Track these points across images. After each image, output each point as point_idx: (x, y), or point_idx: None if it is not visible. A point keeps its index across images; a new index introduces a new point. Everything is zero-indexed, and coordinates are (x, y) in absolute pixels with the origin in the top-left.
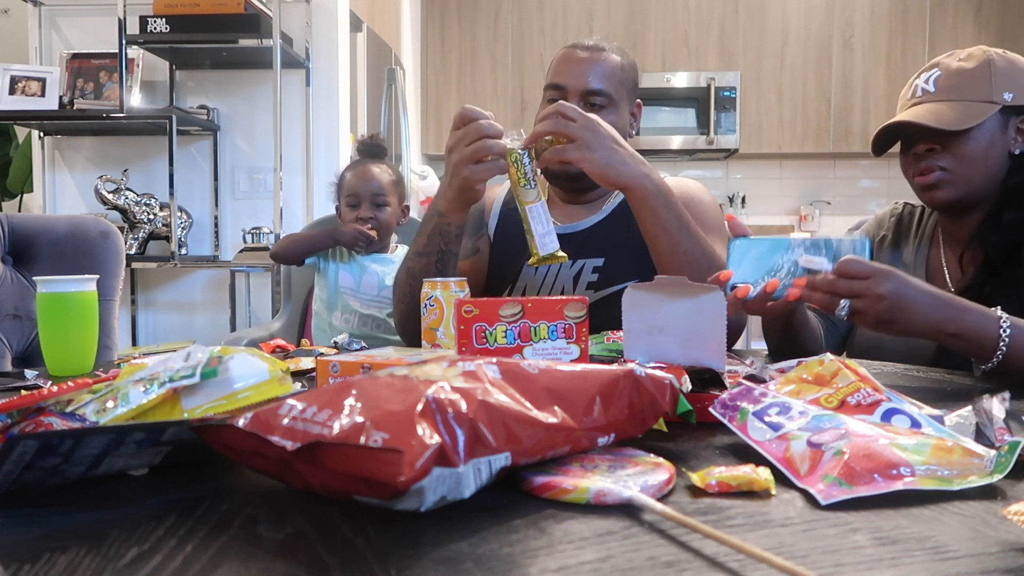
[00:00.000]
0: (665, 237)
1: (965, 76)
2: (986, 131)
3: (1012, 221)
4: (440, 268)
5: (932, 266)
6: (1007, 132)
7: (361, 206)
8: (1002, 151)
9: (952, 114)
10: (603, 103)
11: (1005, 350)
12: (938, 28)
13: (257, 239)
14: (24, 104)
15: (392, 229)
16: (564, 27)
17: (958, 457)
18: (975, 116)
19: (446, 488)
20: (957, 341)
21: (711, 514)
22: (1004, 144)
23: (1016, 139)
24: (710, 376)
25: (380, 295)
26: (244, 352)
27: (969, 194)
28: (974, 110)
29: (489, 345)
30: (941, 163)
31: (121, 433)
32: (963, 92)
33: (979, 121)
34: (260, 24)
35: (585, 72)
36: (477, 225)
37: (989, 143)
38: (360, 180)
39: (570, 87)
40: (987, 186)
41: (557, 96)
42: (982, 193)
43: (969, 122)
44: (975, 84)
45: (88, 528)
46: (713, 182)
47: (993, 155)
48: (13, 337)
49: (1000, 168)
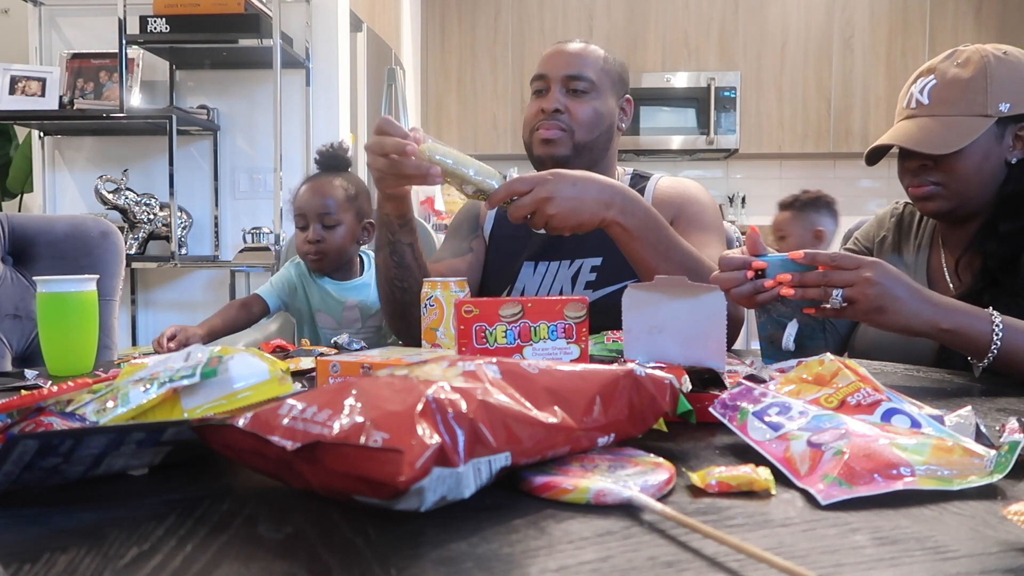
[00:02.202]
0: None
1: (959, 87)
2: (979, 146)
3: (1009, 231)
4: (397, 259)
5: (933, 269)
6: (1003, 141)
7: (309, 227)
8: (997, 162)
9: (942, 133)
10: (585, 88)
11: (998, 349)
12: (938, 28)
13: (257, 239)
14: (24, 104)
15: (346, 251)
16: (564, 27)
17: (958, 457)
18: (966, 135)
19: (446, 488)
20: (951, 337)
21: (711, 514)
22: (1000, 154)
23: (1013, 148)
24: (710, 376)
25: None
26: (244, 352)
27: (963, 205)
28: (965, 127)
29: (489, 345)
30: (933, 178)
31: (121, 433)
32: (956, 106)
33: (970, 140)
34: (260, 24)
35: (566, 60)
36: (472, 226)
37: (983, 157)
38: (309, 197)
39: (551, 74)
40: (983, 197)
41: (540, 85)
42: (978, 204)
43: (959, 143)
44: (969, 97)
45: (88, 528)
46: (713, 182)
47: (988, 167)
48: (13, 337)
49: (996, 178)
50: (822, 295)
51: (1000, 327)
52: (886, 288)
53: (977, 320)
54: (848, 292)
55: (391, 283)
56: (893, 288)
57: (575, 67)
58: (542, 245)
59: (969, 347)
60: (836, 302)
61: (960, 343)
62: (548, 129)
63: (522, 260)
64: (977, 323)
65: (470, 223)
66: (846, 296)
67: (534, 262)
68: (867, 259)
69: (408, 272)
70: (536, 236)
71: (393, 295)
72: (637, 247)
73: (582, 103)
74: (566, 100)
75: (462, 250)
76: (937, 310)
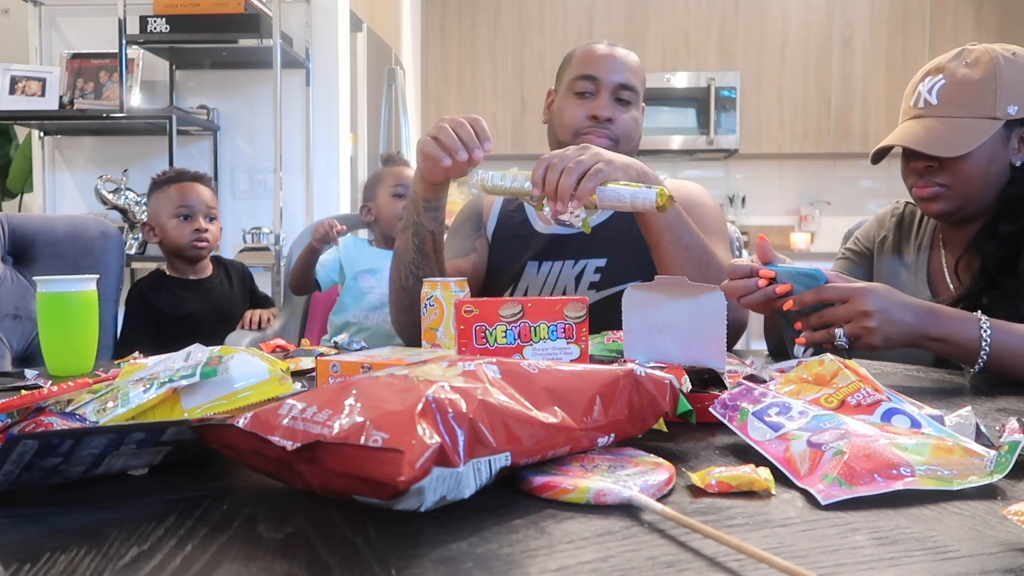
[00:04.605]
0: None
1: (968, 88)
2: (986, 148)
3: (1008, 233)
4: (417, 243)
5: (933, 269)
6: (1009, 143)
7: None
8: (1003, 164)
9: (950, 136)
10: (630, 98)
11: (988, 352)
12: (938, 28)
13: (257, 239)
14: (24, 104)
15: None
16: (564, 27)
17: (958, 457)
18: (974, 138)
19: (446, 488)
20: (941, 345)
21: (711, 514)
22: (1005, 157)
23: (1018, 150)
24: (710, 376)
25: None
26: (244, 352)
27: (967, 206)
28: (973, 130)
29: (489, 345)
30: (939, 179)
31: (121, 433)
32: (964, 108)
33: (978, 144)
34: (260, 24)
35: (618, 67)
36: (475, 225)
37: (989, 159)
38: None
39: (603, 79)
40: (986, 198)
41: (589, 87)
42: (981, 205)
43: (967, 146)
44: (978, 99)
45: (88, 528)
46: (713, 182)
47: (993, 170)
48: (13, 337)
49: (1000, 180)
50: (827, 337)
51: (988, 331)
52: (884, 316)
53: (965, 325)
54: (849, 329)
55: (407, 267)
56: (890, 313)
57: (627, 75)
58: (546, 245)
59: (959, 353)
60: (842, 343)
61: (949, 350)
62: (598, 137)
63: (526, 260)
64: (965, 328)
65: (472, 223)
66: (848, 334)
67: (538, 262)
68: (855, 287)
69: (425, 260)
70: (540, 236)
71: (406, 282)
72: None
73: (627, 113)
74: (614, 109)
75: (465, 250)
76: (927, 320)
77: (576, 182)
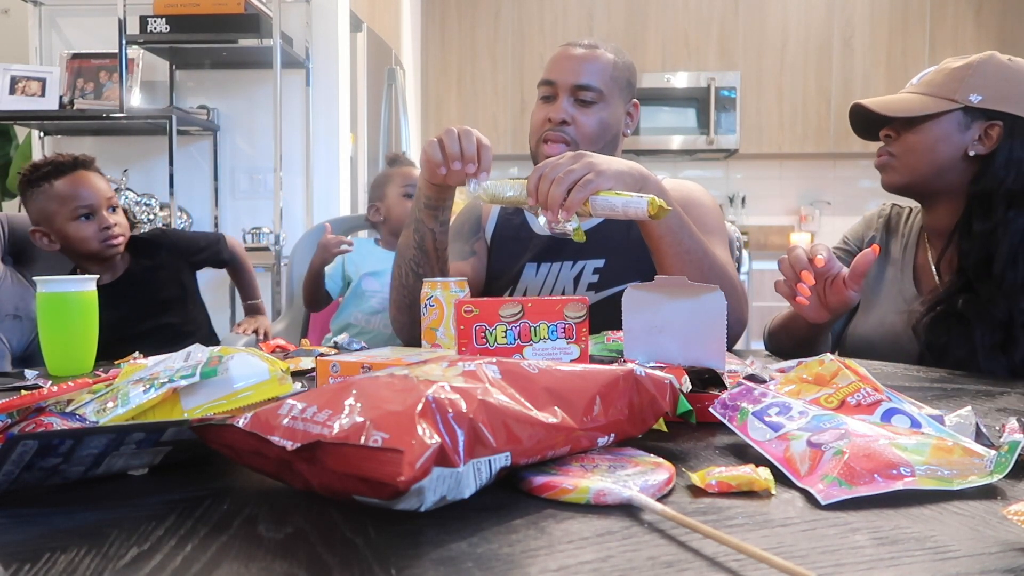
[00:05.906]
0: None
1: (945, 74)
2: (939, 127)
3: (981, 232)
4: (418, 239)
5: (919, 266)
6: (968, 131)
7: None
8: (955, 149)
9: (905, 104)
10: (593, 98)
11: None
12: (938, 28)
13: (257, 239)
14: (24, 104)
15: None
16: (564, 27)
17: (958, 457)
18: (927, 108)
19: (446, 488)
20: None
21: (711, 514)
22: (960, 143)
23: (977, 142)
24: (710, 376)
25: None
26: (244, 352)
27: (914, 183)
28: (930, 104)
29: (489, 345)
30: (891, 149)
31: (121, 433)
32: (934, 88)
33: (924, 112)
34: (260, 24)
35: (576, 68)
36: (474, 228)
37: (940, 138)
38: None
39: (560, 82)
40: (936, 179)
41: (548, 92)
42: (931, 186)
43: (915, 112)
44: (948, 82)
45: (88, 528)
46: (713, 182)
47: (943, 150)
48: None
49: (951, 165)
50: None
51: None
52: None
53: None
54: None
55: (408, 264)
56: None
57: (584, 76)
58: (544, 246)
59: None
60: None
61: None
62: (554, 143)
63: (524, 261)
64: None
65: (471, 225)
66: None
67: (536, 263)
68: None
69: (426, 257)
70: (538, 237)
71: (407, 280)
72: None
73: (589, 114)
74: (573, 110)
75: (464, 253)
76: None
77: (566, 192)
